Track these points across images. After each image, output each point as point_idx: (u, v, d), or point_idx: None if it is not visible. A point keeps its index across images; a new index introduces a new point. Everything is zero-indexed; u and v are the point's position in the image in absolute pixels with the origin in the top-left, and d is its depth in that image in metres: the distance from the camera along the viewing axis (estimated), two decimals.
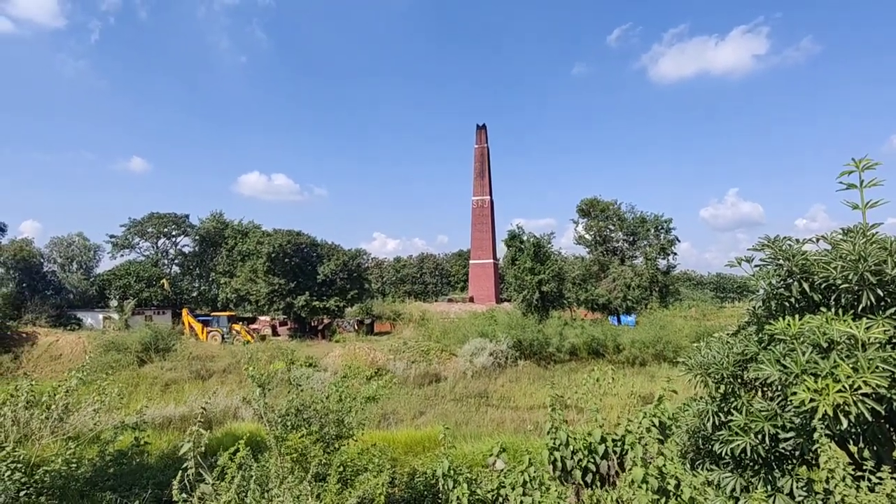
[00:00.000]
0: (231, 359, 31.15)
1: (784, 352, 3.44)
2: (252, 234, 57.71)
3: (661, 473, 4.22)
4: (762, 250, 3.85)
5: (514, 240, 43.22)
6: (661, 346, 30.14)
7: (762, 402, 3.65)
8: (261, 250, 47.76)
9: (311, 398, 7.24)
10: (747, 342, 3.89)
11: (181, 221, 63.85)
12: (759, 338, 3.85)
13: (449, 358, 31.06)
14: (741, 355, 3.87)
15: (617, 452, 5.20)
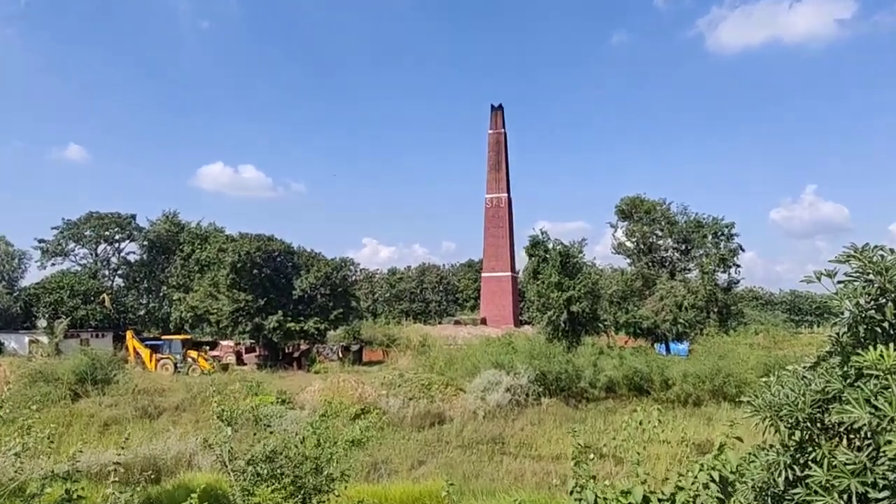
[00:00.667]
0: (186, 393, 31.07)
1: (876, 390, 3.41)
2: (213, 238, 57.96)
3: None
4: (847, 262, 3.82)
5: (536, 247, 43.18)
6: (721, 380, 29.91)
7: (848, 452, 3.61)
8: (224, 259, 47.91)
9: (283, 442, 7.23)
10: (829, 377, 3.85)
11: (126, 223, 64.23)
12: (844, 372, 3.82)
13: (455, 394, 30.89)
14: (821, 394, 3.83)
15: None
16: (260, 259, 47.84)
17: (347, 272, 54.66)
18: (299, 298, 48.76)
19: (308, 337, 48.65)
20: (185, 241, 62.34)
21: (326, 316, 49.17)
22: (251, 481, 6.36)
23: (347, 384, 31.33)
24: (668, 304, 46.18)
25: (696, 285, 46.85)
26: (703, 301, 46.08)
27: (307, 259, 51.45)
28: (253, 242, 48.42)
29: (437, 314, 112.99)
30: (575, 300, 40.12)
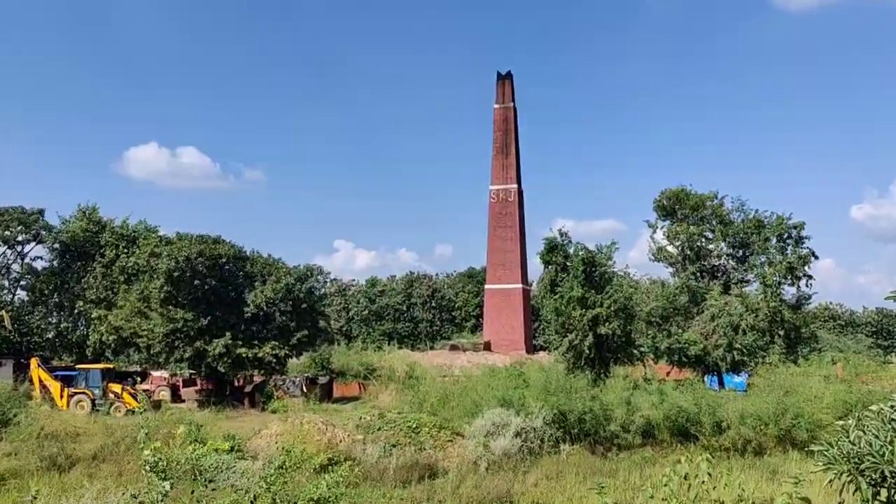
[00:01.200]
0: (106, 438, 30.88)
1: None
2: (144, 240, 57.81)
3: None
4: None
5: (554, 253, 43.19)
6: (789, 423, 29.90)
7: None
8: (157, 266, 47.81)
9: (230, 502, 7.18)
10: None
11: (32, 220, 64.00)
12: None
13: (451, 440, 30.78)
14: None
15: None
16: (203, 267, 47.70)
17: (315, 283, 54.59)
18: (253, 317, 48.60)
19: (263, 366, 48.48)
20: (107, 244, 62.10)
21: (287, 340, 49.00)
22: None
23: (313, 427, 31.17)
24: (722, 326, 46.19)
25: (757, 301, 46.88)
26: (765, 321, 46.12)
27: (263, 267, 51.33)
28: (194, 246, 48.28)
29: (428, 337, 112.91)
30: (603, 320, 40.08)
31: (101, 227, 63.96)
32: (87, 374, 45.83)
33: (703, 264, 51.52)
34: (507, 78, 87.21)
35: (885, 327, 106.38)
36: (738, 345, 45.32)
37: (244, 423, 37.79)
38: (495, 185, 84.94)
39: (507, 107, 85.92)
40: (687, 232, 50.62)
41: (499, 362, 57.38)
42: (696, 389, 34.94)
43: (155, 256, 49.35)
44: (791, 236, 48.83)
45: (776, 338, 46.61)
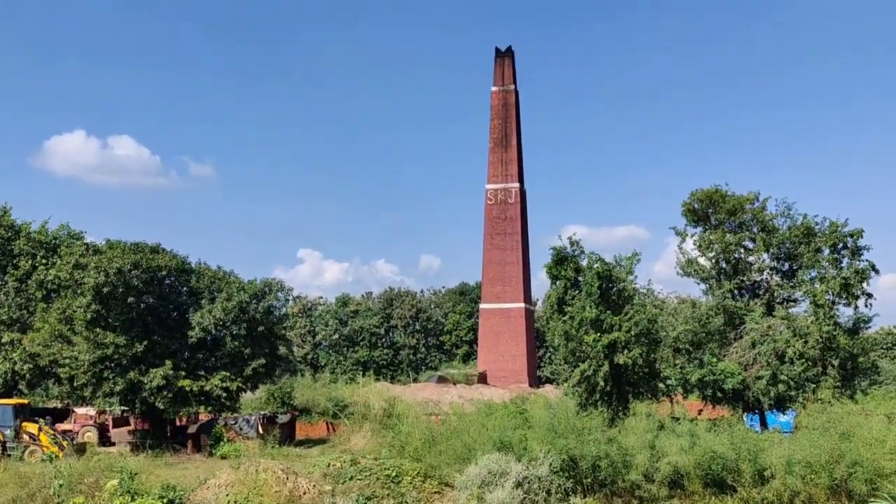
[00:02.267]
0: (20, 489, 30.75)
1: None
2: (67, 250, 57.48)
3: None
4: None
5: (563, 265, 43.30)
6: (844, 471, 30.02)
7: None
8: (83, 280, 47.61)
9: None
10: None
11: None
12: None
13: (438, 491, 30.85)
14: None
15: None
16: (139, 281, 47.53)
17: (274, 302, 54.30)
18: (199, 342, 48.44)
19: (211, 402, 48.32)
20: (21, 253, 61.81)
21: (240, 370, 48.88)
22: None
23: (271, 475, 31.14)
24: (764, 354, 46.28)
25: (807, 325, 47.00)
26: (816, 349, 46.20)
27: (212, 281, 51.22)
28: (128, 256, 48.11)
29: (411, 367, 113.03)
30: (622, 346, 40.16)
31: (15, 233, 63.67)
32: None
33: (741, 280, 51.57)
34: (508, 55, 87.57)
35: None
36: (783, 376, 45.40)
37: (187, 470, 37.67)
38: (493, 183, 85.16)
39: (508, 89, 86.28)
40: (722, 241, 50.69)
41: (496, 397, 57.44)
42: (733, 430, 35.02)
43: (80, 268, 49.07)
44: (847, 246, 48.99)
45: (829, 368, 46.68)
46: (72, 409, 55.69)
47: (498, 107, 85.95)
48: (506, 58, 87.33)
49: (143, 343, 46.82)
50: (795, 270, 50.72)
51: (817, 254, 49.37)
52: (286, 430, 52.08)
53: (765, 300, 50.38)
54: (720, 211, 51.65)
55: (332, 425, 57.59)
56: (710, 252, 51.88)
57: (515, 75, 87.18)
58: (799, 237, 49.89)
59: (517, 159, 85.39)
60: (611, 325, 40.49)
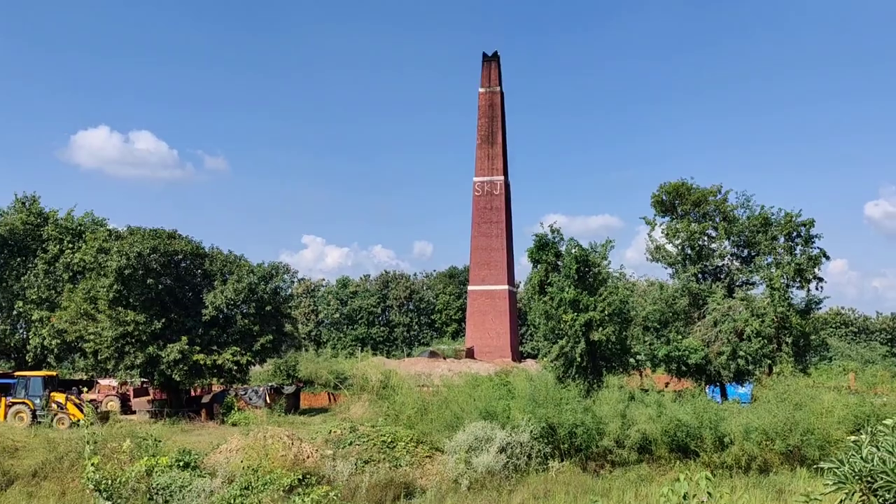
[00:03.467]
0: (48, 453, 30.74)
1: None
2: (91, 235, 57.30)
3: None
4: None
5: (544, 251, 43.34)
6: (798, 438, 30.20)
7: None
8: (106, 263, 47.47)
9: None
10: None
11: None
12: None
13: (429, 455, 30.88)
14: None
15: None
16: (157, 264, 47.40)
17: (280, 283, 54.20)
18: (211, 320, 48.39)
19: (223, 374, 48.31)
20: (50, 238, 61.58)
21: (249, 345, 48.83)
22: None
23: (277, 441, 31.13)
24: (725, 332, 46.47)
25: (763, 306, 47.19)
26: (772, 327, 46.42)
27: (224, 265, 51.08)
28: (147, 241, 47.94)
29: (405, 343, 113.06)
30: (596, 325, 40.27)
31: (44, 220, 63.41)
32: (27, 382, 45.50)
33: (704, 265, 51.74)
34: (494, 60, 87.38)
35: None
36: (742, 352, 45.62)
37: (201, 436, 37.68)
38: (480, 176, 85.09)
39: (494, 91, 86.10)
40: (688, 230, 50.80)
41: (482, 371, 57.50)
42: (696, 401, 35.18)
43: (103, 252, 48.93)
44: (800, 235, 49.19)
45: (783, 345, 46.92)
46: (96, 381, 55.58)
47: (485, 107, 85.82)
48: (492, 62, 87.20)
49: (161, 321, 46.80)
50: (753, 256, 50.89)
51: (773, 241, 49.55)
52: (291, 400, 52.07)
53: (725, 283, 50.55)
54: (686, 202, 51.73)
55: (333, 396, 57.63)
56: (676, 240, 51.96)
57: (501, 78, 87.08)
58: (757, 226, 50.02)
59: (502, 154, 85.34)
60: (587, 305, 40.59)
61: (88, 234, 59.03)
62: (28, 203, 64.24)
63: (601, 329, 40.24)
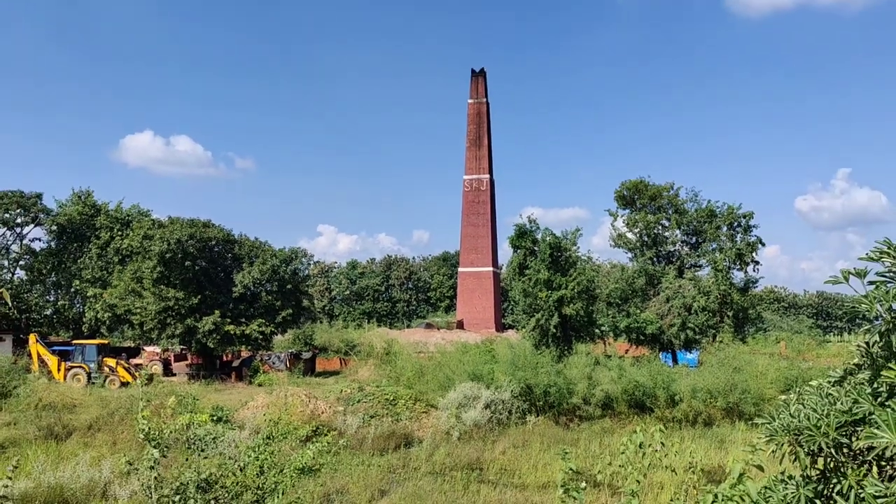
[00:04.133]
0: (101, 409, 30.67)
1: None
2: (137, 224, 57.25)
3: None
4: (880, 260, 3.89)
5: (523, 238, 43.34)
6: (736, 397, 30.37)
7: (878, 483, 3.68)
8: (149, 248, 47.39)
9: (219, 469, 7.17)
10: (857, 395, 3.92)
11: (31, 203, 63.05)
12: (875, 389, 3.89)
13: (425, 411, 30.93)
14: (848, 415, 3.90)
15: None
16: (193, 249, 47.37)
17: (299, 265, 54.36)
18: (240, 296, 48.43)
19: (250, 342, 48.37)
20: (102, 227, 61.49)
21: (273, 317, 48.89)
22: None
23: (297, 399, 31.18)
24: (676, 307, 46.68)
25: (709, 285, 47.40)
26: (715, 303, 46.65)
27: (251, 249, 51.07)
28: (185, 229, 47.89)
29: (405, 316, 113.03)
30: (567, 301, 40.36)
31: (97, 211, 63.28)
32: (83, 349, 45.52)
33: (659, 250, 51.94)
34: (481, 75, 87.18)
35: (825, 309, 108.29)
36: (690, 324, 45.85)
37: (232, 395, 37.70)
38: (469, 174, 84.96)
39: (481, 102, 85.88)
40: (645, 220, 50.99)
41: (471, 340, 57.55)
42: (651, 365, 35.27)
43: (148, 239, 48.91)
44: (741, 225, 49.39)
45: (725, 318, 47.20)
46: (142, 348, 55.55)
47: (473, 115, 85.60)
48: (479, 77, 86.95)
49: (198, 297, 46.80)
50: (700, 243, 51.05)
51: (718, 230, 49.71)
52: (308, 365, 52.14)
53: (677, 266, 50.70)
54: (643, 197, 51.83)
55: (343, 361, 57.67)
56: (635, 228, 52.10)
57: (487, 91, 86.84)
58: (704, 217, 50.17)
59: (488, 156, 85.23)
60: (559, 284, 40.62)
61: (135, 223, 58.99)
62: (83, 196, 64.12)
63: (571, 304, 40.32)
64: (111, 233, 60.72)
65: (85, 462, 20.13)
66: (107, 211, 63.57)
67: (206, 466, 6.94)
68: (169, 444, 6.94)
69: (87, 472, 19.03)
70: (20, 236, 64.78)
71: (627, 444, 6.49)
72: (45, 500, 15.76)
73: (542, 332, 41.21)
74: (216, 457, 8.07)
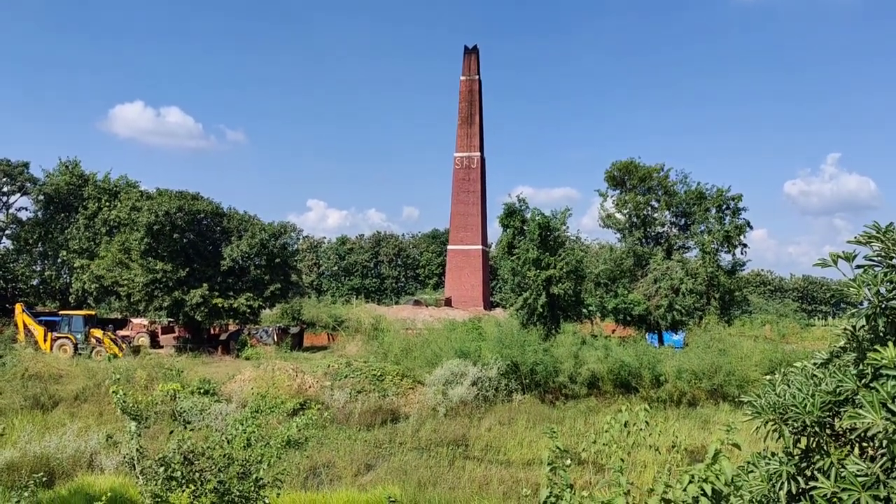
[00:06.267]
0: (88, 380, 30.72)
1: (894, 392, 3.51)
2: (125, 195, 56.83)
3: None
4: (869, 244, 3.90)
5: (512, 217, 43.33)
6: (721, 378, 30.63)
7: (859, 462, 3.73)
8: (138, 220, 47.08)
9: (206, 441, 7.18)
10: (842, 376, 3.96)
11: (17, 172, 62.54)
12: (860, 371, 3.92)
13: (412, 387, 31.09)
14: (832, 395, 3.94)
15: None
16: (182, 221, 47.14)
17: (288, 240, 54.03)
18: (228, 270, 48.29)
19: (238, 316, 48.34)
20: (89, 197, 61.04)
21: (261, 292, 48.84)
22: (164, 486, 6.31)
23: (284, 373, 31.28)
24: (663, 288, 46.88)
25: (696, 267, 47.61)
26: (702, 285, 46.89)
27: (240, 223, 50.87)
28: (174, 201, 47.62)
29: (393, 292, 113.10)
30: (556, 280, 40.46)
31: (84, 181, 62.79)
32: (69, 320, 45.41)
33: (647, 231, 52.07)
34: (474, 52, 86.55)
35: (810, 293, 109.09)
36: (677, 306, 46.09)
37: (219, 368, 37.74)
38: (459, 152, 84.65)
39: (473, 79, 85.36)
40: (634, 201, 51.05)
41: (458, 317, 57.78)
42: (638, 346, 35.53)
43: (136, 210, 48.57)
44: (729, 207, 49.50)
45: (712, 300, 47.45)
46: (129, 320, 55.44)
47: (465, 92, 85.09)
48: (472, 54, 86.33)
49: (186, 270, 46.66)
50: (689, 225, 51.18)
51: (706, 212, 49.83)
52: (296, 339, 52.17)
53: (665, 247, 50.87)
54: (633, 178, 51.85)
55: (331, 336, 57.74)
56: (624, 209, 52.15)
57: (479, 68, 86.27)
58: (693, 199, 50.26)
59: (479, 134, 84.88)
60: (548, 263, 40.69)
61: (123, 194, 58.58)
62: (70, 166, 63.56)
63: (559, 284, 40.44)
64: (99, 203, 60.32)
65: (72, 432, 20.16)
66: (95, 181, 63.07)
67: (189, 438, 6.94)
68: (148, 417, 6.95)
69: (73, 442, 19.06)
70: (6, 205, 64.40)
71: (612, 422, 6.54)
72: (31, 469, 15.76)
73: (529, 311, 41.34)
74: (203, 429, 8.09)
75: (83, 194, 61.57)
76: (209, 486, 6.62)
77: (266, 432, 7.71)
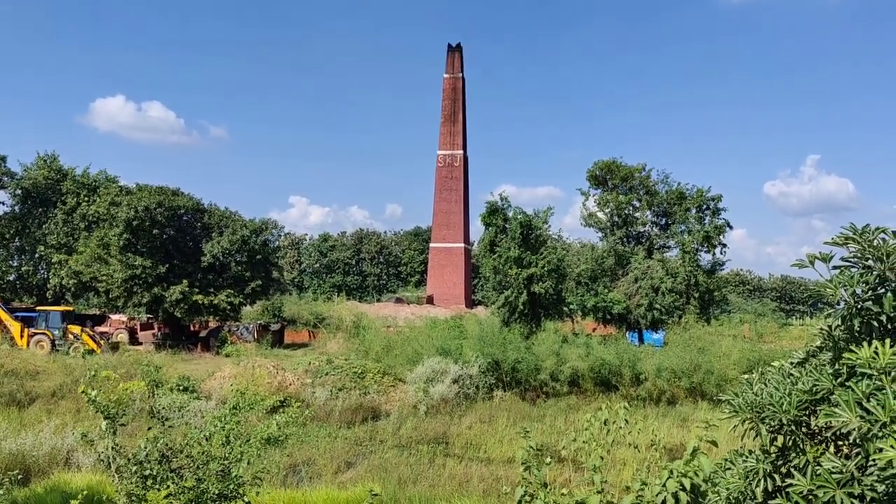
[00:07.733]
0: (65, 376, 30.50)
1: (868, 391, 3.55)
2: (104, 189, 56.26)
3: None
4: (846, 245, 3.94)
5: (494, 215, 43.41)
6: (700, 377, 30.90)
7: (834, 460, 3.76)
8: (117, 215, 46.63)
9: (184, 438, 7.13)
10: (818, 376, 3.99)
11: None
12: (836, 370, 3.96)
13: (393, 385, 31.14)
14: (809, 394, 3.98)
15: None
16: (162, 217, 46.73)
17: (269, 236, 53.70)
18: (209, 266, 47.95)
19: (218, 313, 48.00)
20: (68, 192, 60.35)
21: (241, 288, 48.53)
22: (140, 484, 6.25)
23: (264, 370, 31.21)
24: (644, 287, 47.17)
25: (676, 266, 47.94)
26: (682, 284, 47.21)
27: (220, 219, 50.51)
28: (154, 196, 47.19)
29: (375, 290, 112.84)
30: (537, 279, 40.59)
31: (63, 176, 62.04)
32: (47, 316, 44.89)
33: (629, 230, 52.35)
34: (457, 50, 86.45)
35: (788, 293, 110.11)
36: (657, 305, 46.40)
37: (199, 365, 37.53)
38: (443, 150, 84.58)
39: (456, 77, 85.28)
40: (616, 200, 51.31)
41: (440, 315, 57.75)
42: (618, 344, 35.77)
43: (115, 205, 48.15)
44: (709, 208, 49.90)
45: (691, 299, 47.79)
46: (108, 316, 54.88)
47: (448, 90, 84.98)
48: (456, 52, 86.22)
49: (165, 266, 46.28)
50: (670, 224, 51.50)
51: (687, 212, 50.18)
52: (277, 336, 51.91)
53: (646, 246, 51.17)
54: (615, 177, 52.09)
55: (312, 333, 57.52)
56: (606, 208, 52.40)
57: (463, 66, 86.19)
58: (673, 199, 50.59)
59: (462, 132, 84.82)
60: (529, 262, 40.82)
61: (102, 189, 58.04)
62: (49, 160, 62.81)
63: (541, 282, 40.57)
64: (77, 198, 59.67)
65: (49, 430, 19.96)
66: (73, 176, 62.35)
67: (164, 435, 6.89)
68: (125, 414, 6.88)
69: (49, 439, 18.89)
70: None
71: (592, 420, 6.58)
72: (6, 467, 15.59)
73: (511, 309, 41.45)
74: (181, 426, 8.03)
75: (61, 189, 60.89)
76: (187, 482, 6.58)
77: (246, 430, 7.67)
